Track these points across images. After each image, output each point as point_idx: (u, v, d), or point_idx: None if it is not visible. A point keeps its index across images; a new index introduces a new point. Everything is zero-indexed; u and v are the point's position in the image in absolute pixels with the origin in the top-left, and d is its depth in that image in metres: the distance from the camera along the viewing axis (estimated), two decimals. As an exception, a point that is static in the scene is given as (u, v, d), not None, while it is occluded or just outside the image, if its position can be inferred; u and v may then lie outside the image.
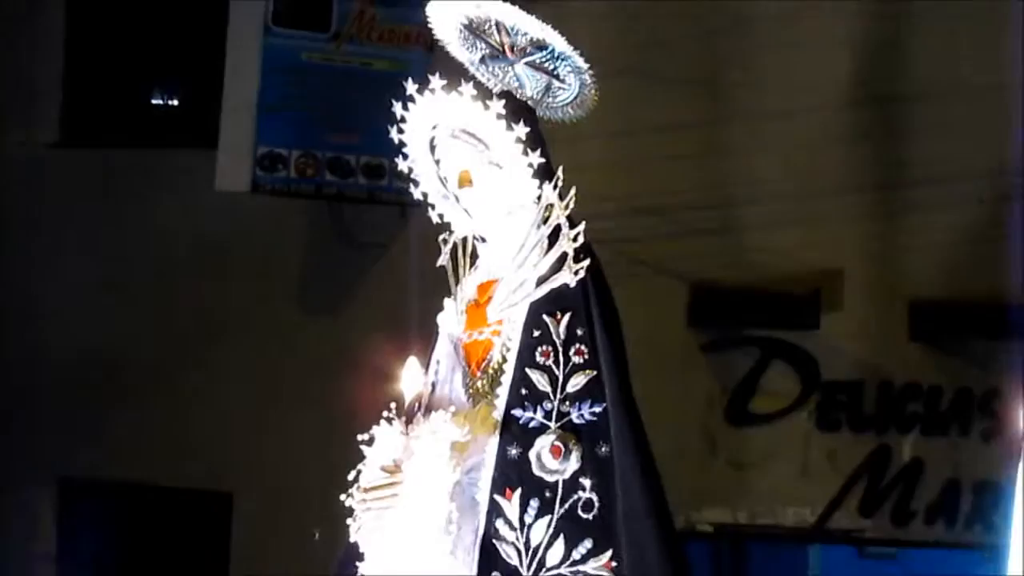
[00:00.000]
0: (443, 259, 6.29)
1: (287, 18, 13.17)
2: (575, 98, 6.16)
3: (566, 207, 5.94)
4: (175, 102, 15.18)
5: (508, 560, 5.91)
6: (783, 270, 12.75)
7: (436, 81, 6.03)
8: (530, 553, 5.91)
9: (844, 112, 12.98)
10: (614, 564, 5.80)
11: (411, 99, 6.12)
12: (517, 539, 5.93)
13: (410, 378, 6.06)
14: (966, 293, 12.74)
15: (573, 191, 5.99)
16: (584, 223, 5.91)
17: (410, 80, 6.15)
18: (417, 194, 6.32)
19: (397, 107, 6.22)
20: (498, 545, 5.95)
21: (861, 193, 12.84)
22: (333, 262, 14.02)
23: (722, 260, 12.89)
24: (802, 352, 12.68)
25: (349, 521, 6.07)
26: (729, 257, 12.95)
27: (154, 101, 15.05)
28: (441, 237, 6.32)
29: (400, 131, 6.24)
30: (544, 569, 5.90)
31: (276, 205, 13.76)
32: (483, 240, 6.23)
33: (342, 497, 5.99)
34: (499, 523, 5.91)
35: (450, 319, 6.34)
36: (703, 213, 12.85)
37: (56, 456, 14.00)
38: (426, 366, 6.22)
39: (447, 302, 6.38)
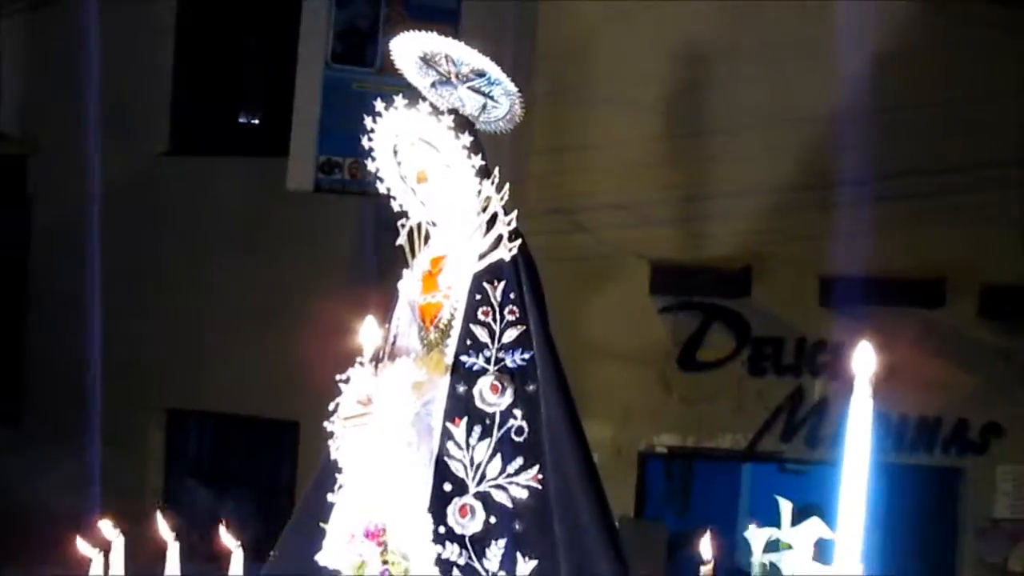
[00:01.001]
0: (402, 239, 6.72)
1: (343, 56, 13.71)
2: (506, 115, 6.54)
3: (501, 199, 6.34)
4: (256, 120, 15.61)
5: (456, 473, 6.36)
6: (722, 252, 13.36)
7: (399, 100, 6.40)
8: (474, 468, 6.38)
9: (777, 132, 13.11)
10: (540, 477, 6.28)
11: (379, 114, 6.46)
12: (464, 457, 6.40)
13: (367, 332, 6.48)
14: (862, 270, 12.81)
15: (507, 187, 6.40)
16: (515, 212, 6.39)
17: (401, 96, 6.43)
18: (382, 189, 6.65)
19: (367, 120, 6.57)
20: (448, 462, 6.39)
21: (782, 193, 13.08)
22: (372, 245, 13.97)
23: (676, 245, 13.46)
24: (737, 315, 13.35)
25: (330, 442, 6.54)
26: (681, 242, 13.50)
27: (240, 119, 15.53)
28: (400, 222, 6.70)
29: (370, 139, 6.56)
30: (485, 481, 6.38)
31: (331, 201, 14.02)
32: (434, 224, 6.60)
33: (325, 424, 6.45)
34: (449, 444, 6.37)
35: (408, 286, 6.69)
36: (661, 209, 13.32)
37: (164, 391, 14.53)
38: (388, 322, 6.71)
39: (406, 272, 6.73)
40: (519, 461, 6.21)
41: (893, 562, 13.66)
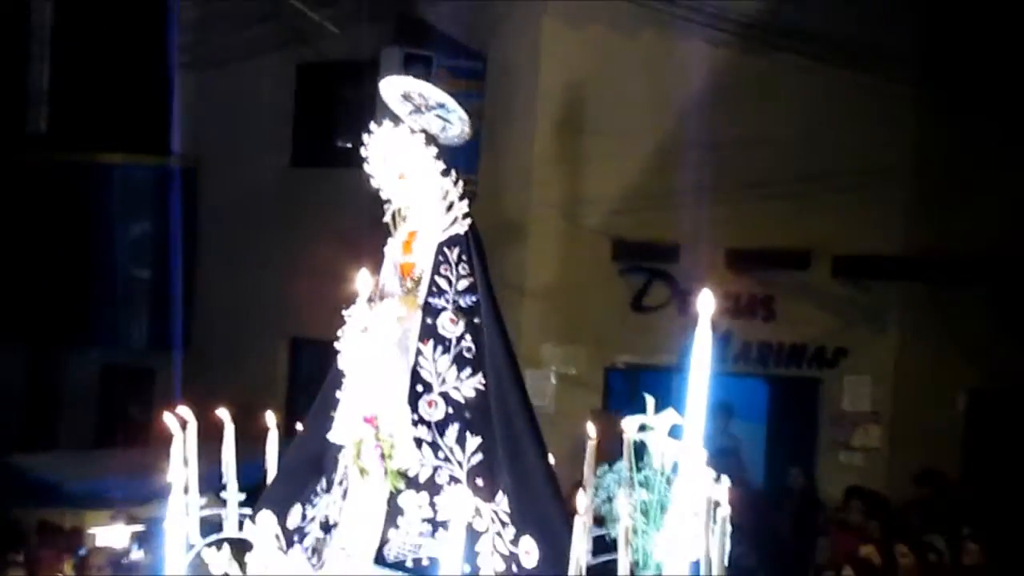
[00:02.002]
0: (387, 218, 7.05)
1: None
2: (460, 133, 7.09)
3: (459, 193, 6.89)
4: (349, 143, 14.35)
5: (426, 379, 6.87)
6: (660, 233, 14.34)
7: (387, 123, 6.85)
8: (437, 375, 6.91)
9: (708, 153, 14.01)
10: (483, 381, 6.83)
11: (371, 132, 6.84)
12: (431, 368, 6.92)
13: (361, 280, 7.07)
14: (755, 245, 14.61)
15: (461, 183, 6.95)
16: (467, 200, 6.97)
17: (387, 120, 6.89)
18: (375, 184, 7.03)
19: (365, 136, 6.89)
20: (420, 371, 6.92)
21: (704, 193, 13.97)
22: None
23: (630, 228, 14.34)
24: (670, 275, 14.36)
25: (338, 356, 7.15)
26: (634, 226, 14.32)
27: (339, 142, 15.43)
28: (385, 205, 7.04)
29: (367, 149, 6.90)
30: (445, 384, 6.91)
31: None
32: (409, 208, 7.02)
33: (335, 343, 6.98)
34: (420, 359, 6.89)
35: (392, 249, 7.15)
36: (621, 204, 14.26)
37: (289, 321, 14.99)
38: (378, 275, 7.11)
39: (390, 240, 7.19)
40: (468, 371, 6.88)
41: (777, 443, 15.51)
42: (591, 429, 6.19)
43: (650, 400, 5.75)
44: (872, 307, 14.86)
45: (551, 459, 6.90)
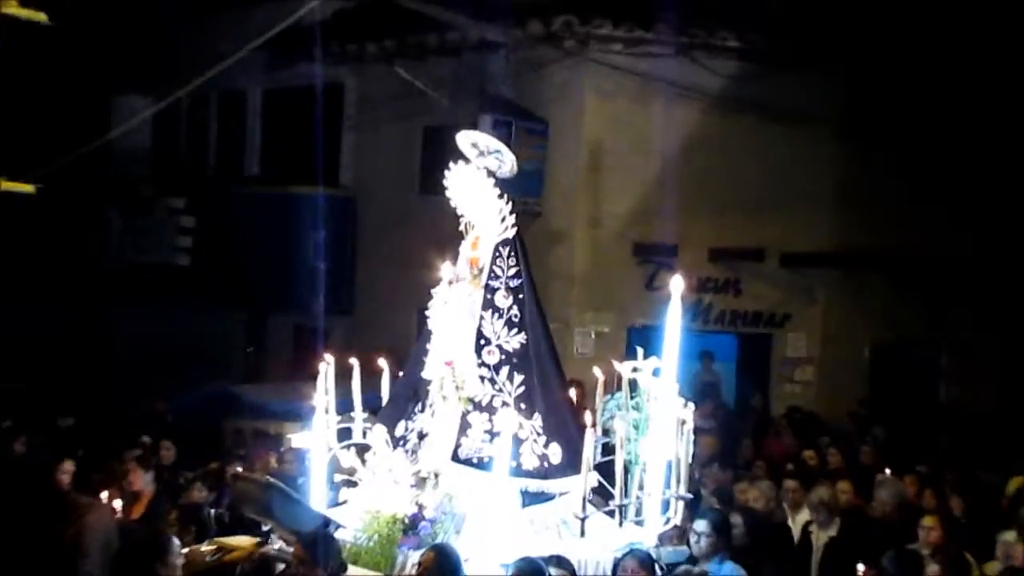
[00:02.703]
0: (463, 226, 7.45)
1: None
2: (509, 171, 7.31)
3: (509, 210, 7.25)
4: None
5: (487, 335, 7.24)
6: (664, 238, 14.79)
7: (461, 164, 7.37)
8: (494, 333, 7.29)
9: (698, 187, 14.35)
10: (525, 338, 7.24)
11: (452, 171, 7.39)
12: (489, 328, 7.28)
13: (445, 269, 7.46)
14: (733, 245, 14.99)
15: (511, 204, 7.34)
16: (515, 216, 7.34)
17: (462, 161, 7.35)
18: (457, 208, 7.50)
19: (448, 174, 7.37)
20: (482, 330, 7.26)
21: (702, 206, 14.46)
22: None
23: (644, 234, 14.88)
24: (671, 265, 14.07)
25: (427, 313, 7.52)
26: (647, 233, 14.85)
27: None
28: (461, 216, 7.52)
29: (449, 180, 7.41)
30: (499, 339, 7.25)
31: None
32: (475, 219, 7.37)
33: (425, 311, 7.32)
34: (482, 322, 7.23)
35: (464, 247, 7.45)
36: (638, 218, 14.87)
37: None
38: (455, 264, 7.51)
39: (463, 242, 7.51)
40: (515, 330, 7.23)
41: (743, 377, 15.92)
42: (597, 371, 7.41)
43: (639, 351, 7.12)
44: (806, 287, 15.37)
45: (572, 391, 7.66)
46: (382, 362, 7.94)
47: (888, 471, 10.45)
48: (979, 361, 15.96)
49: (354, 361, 7.74)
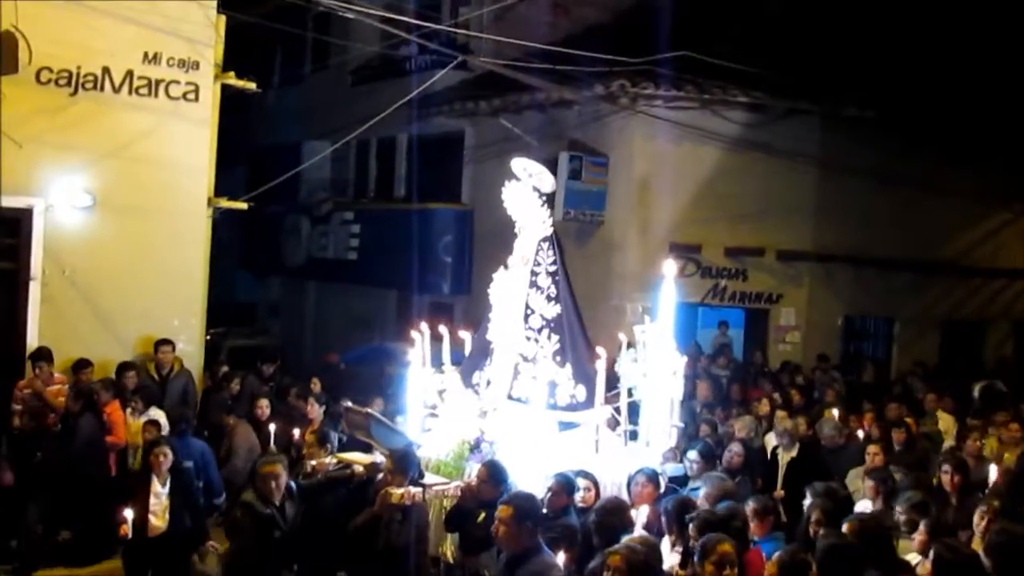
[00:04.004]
0: (517, 229, 7.38)
1: (575, 174, 13.61)
2: (550, 188, 7.26)
3: (548, 213, 7.16)
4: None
5: (532, 306, 6.98)
6: (691, 240, 14.20)
7: (515, 183, 7.21)
8: (537, 304, 7.08)
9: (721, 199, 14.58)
10: (560, 309, 7.00)
11: (507, 187, 7.23)
12: (533, 300, 7.15)
13: (509, 259, 7.37)
14: (736, 244, 14.37)
15: (549, 210, 7.20)
16: (551, 217, 7.16)
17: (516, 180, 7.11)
18: (510, 212, 7.33)
19: (504, 192, 7.15)
20: (528, 302, 7.10)
21: (711, 219, 14.04)
22: (583, 248, 14.01)
23: (678, 236, 14.10)
24: (697, 260, 14.23)
25: (492, 295, 7.26)
26: (681, 235, 14.08)
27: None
28: (516, 221, 7.36)
29: (507, 196, 7.30)
30: (541, 308, 7.09)
31: (568, 226, 13.54)
32: (524, 222, 7.26)
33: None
34: (528, 297, 7.09)
35: (517, 244, 7.44)
36: (672, 226, 14.13)
37: None
38: (513, 254, 7.38)
39: (516, 239, 7.41)
40: (552, 302, 7.18)
41: (748, 340, 15.13)
42: (621, 336, 7.30)
43: (648, 318, 7.19)
44: (794, 275, 14.93)
45: (601, 349, 7.13)
46: (463, 333, 7.93)
47: (836, 411, 10.17)
48: (922, 328, 15.85)
49: (443, 329, 7.76)
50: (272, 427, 8.48)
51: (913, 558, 5.45)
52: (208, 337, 11.53)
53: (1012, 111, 13.47)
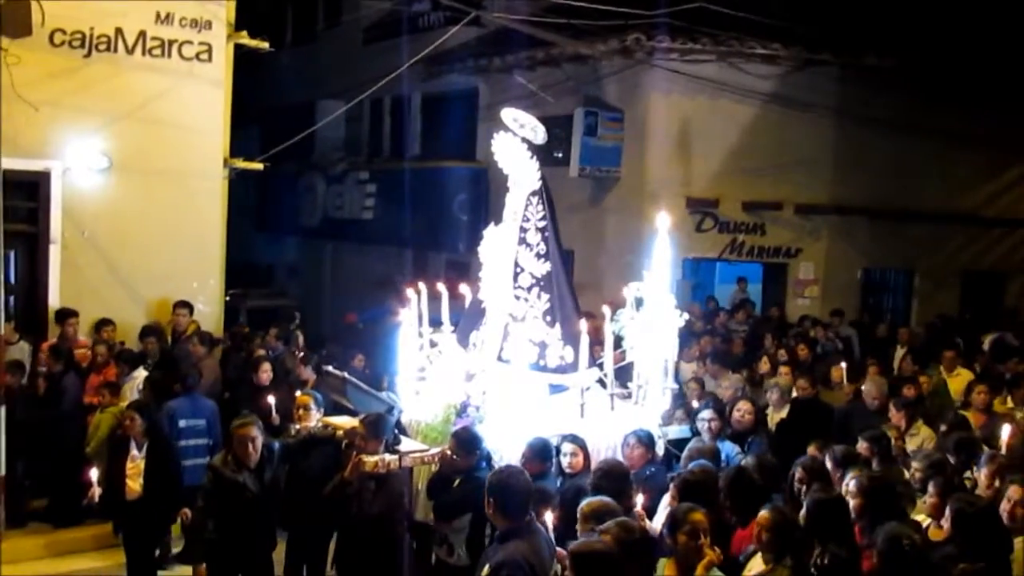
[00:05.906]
0: (509, 182, 6.97)
1: (591, 130, 13.60)
2: (541, 139, 6.80)
3: (537, 167, 6.73)
4: (560, 153, 14.03)
5: (521, 264, 6.69)
6: (708, 194, 14.18)
7: (505, 134, 6.80)
8: (527, 262, 6.78)
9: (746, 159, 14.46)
10: (549, 267, 6.70)
11: (496, 139, 6.86)
12: (523, 258, 6.76)
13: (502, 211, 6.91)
14: (754, 198, 14.33)
15: (538, 163, 6.76)
16: (540, 170, 6.76)
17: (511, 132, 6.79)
18: (500, 164, 6.92)
19: (495, 143, 6.79)
20: (518, 259, 6.73)
21: (728, 172, 13.93)
22: (598, 204, 14.34)
23: (695, 190, 14.13)
24: (715, 215, 14.27)
25: (482, 252, 6.95)
26: (696, 190, 14.07)
27: (553, 153, 13.43)
28: (507, 174, 6.94)
29: (496, 146, 6.91)
30: (531, 266, 6.71)
31: (584, 183, 14.02)
32: (514, 174, 6.86)
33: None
34: (518, 255, 6.71)
35: (508, 199, 7.07)
36: (688, 180, 14.03)
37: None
38: (507, 208, 6.85)
39: (507, 194, 7.05)
40: (542, 260, 6.80)
41: (767, 294, 15.16)
42: (626, 291, 6.72)
43: (646, 274, 6.51)
44: (812, 228, 14.82)
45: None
46: (464, 288, 7.51)
47: (844, 364, 9.98)
48: (942, 280, 15.70)
49: (442, 287, 7.43)
50: (271, 399, 8.16)
51: (923, 521, 5.37)
52: (227, 299, 11.55)
53: (1033, 60, 13.21)
